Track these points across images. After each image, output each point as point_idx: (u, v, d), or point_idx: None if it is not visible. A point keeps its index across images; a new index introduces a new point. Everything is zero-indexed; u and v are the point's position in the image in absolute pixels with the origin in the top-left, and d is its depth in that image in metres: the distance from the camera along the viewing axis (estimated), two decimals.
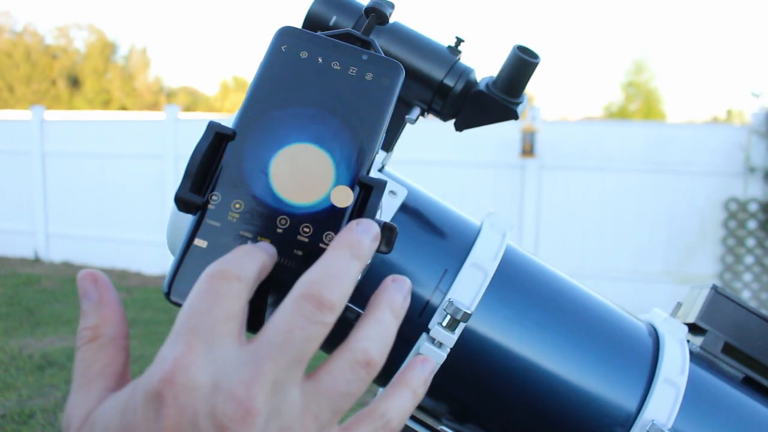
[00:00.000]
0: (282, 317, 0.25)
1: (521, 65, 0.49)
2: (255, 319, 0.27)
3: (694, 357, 0.50)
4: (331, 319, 0.25)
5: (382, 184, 0.29)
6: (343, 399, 0.26)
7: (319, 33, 0.33)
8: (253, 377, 0.24)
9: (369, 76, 0.32)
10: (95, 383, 0.27)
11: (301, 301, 0.25)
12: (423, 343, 0.43)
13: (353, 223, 0.28)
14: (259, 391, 0.24)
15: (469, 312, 0.43)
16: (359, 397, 0.26)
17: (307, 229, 0.29)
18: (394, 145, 0.50)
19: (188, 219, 0.31)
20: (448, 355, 0.43)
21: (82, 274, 0.29)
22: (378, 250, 0.30)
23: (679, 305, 0.58)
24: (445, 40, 0.51)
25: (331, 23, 0.48)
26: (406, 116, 0.49)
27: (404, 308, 0.29)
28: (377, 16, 0.36)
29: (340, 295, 0.26)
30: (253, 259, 0.26)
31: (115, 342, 0.28)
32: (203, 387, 0.23)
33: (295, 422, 0.25)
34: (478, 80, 0.51)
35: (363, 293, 0.28)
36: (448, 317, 0.43)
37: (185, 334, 0.24)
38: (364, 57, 0.32)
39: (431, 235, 0.47)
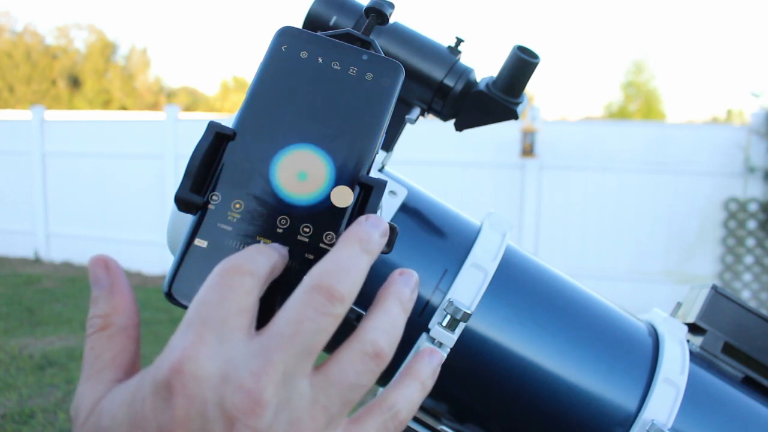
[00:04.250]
0: (292, 309, 0.25)
1: (521, 65, 0.49)
2: (264, 320, 0.27)
3: (694, 357, 0.50)
4: (341, 311, 0.25)
5: (382, 184, 0.29)
6: (353, 390, 0.26)
7: (319, 33, 0.33)
8: (262, 368, 0.23)
9: (369, 76, 0.32)
10: (104, 373, 0.26)
11: (311, 293, 0.25)
12: (423, 343, 0.43)
13: (362, 218, 0.28)
14: (269, 382, 0.23)
15: (469, 312, 0.43)
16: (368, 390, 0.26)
17: (307, 229, 0.29)
18: (394, 145, 0.50)
19: (188, 219, 0.31)
20: (448, 355, 0.43)
21: (94, 259, 0.28)
22: None
23: (679, 305, 0.58)
24: (445, 40, 0.51)
25: (331, 23, 0.48)
26: (406, 116, 0.49)
27: (412, 301, 0.29)
28: (377, 16, 0.36)
29: (350, 287, 0.25)
30: (265, 257, 0.27)
31: (127, 332, 0.27)
32: (212, 377, 0.23)
33: (305, 414, 0.25)
34: (478, 80, 0.51)
35: (363, 293, 0.28)
36: (448, 317, 0.43)
37: (196, 325, 0.24)
38: (364, 57, 0.32)
39: (431, 235, 0.47)
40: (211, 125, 0.29)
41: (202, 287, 0.25)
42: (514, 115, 0.50)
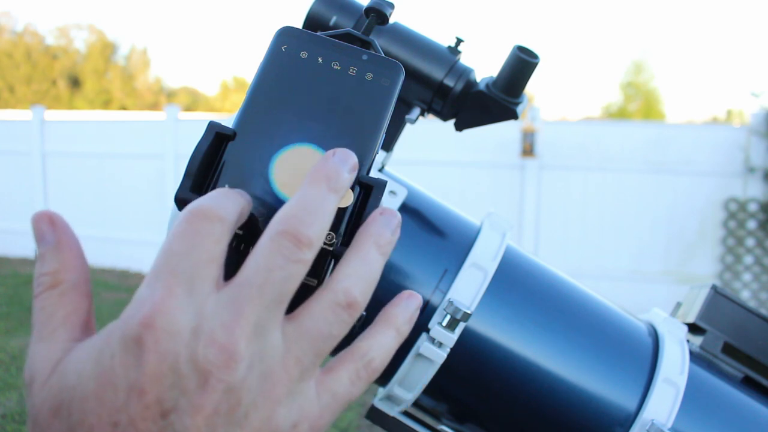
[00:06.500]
0: (260, 256, 0.24)
1: (521, 65, 0.49)
2: (231, 269, 0.26)
3: (694, 357, 0.50)
4: (309, 255, 0.24)
5: (382, 184, 0.29)
6: (325, 341, 0.25)
7: (319, 33, 0.33)
8: (234, 320, 0.23)
9: (369, 76, 0.32)
10: (59, 333, 0.25)
11: (278, 239, 0.24)
12: (423, 343, 0.44)
13: (329, 153, 0.27)
14: (241, 335, 0.23)
15: (469, 312, 0.43)
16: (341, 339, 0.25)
17: None
18: (394, 145, 0.50)
19: None
20: (448, 355, 0.43)
21: (37, 215, 0.27)
22: None
23: (678, 305, 0.58)
24: (445, 40, 0.51)
25: (331, 23, 0.48)
26: (406, 116, 0.49)
27: (391, 244, 0.27)
28: (377, 16, 0.36)
29: (318, 230, 0.24)
30: (233, 202, 0.25)
31: (78, 288, 0.26)
32: (184, 332, 0.22)
33: (278, 365, 0.24)
34: (478, 80, 0.51)
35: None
36: (448, 317, 0.43)
37: (165, 277, 0.23)
38: (364, 57, 0.32)
39: (431, 235, 0.47)
40: (211, 125, 0.29)
41: (170, 234, 0.24)
42: (514, 115, 0.50)
